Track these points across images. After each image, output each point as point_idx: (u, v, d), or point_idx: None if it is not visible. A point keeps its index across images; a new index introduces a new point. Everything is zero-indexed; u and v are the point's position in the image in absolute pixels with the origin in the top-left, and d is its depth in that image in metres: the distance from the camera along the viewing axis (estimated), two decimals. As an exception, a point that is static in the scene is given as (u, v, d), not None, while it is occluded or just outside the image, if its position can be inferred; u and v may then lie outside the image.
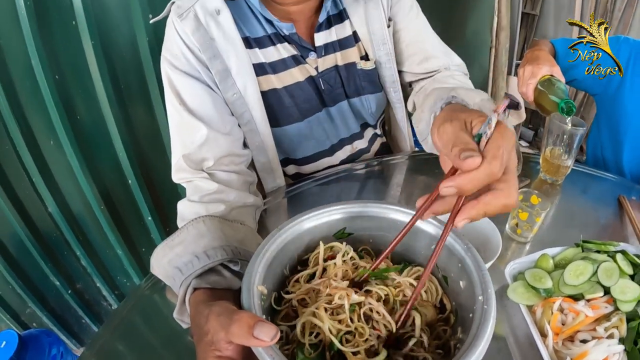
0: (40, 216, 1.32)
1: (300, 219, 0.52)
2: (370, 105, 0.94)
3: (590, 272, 0.60)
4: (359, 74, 0.90)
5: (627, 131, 1.20)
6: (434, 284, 0.51)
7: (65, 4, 1.04)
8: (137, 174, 1.32)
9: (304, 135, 0.90)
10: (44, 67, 1.07)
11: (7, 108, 1.10)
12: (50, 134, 1.18)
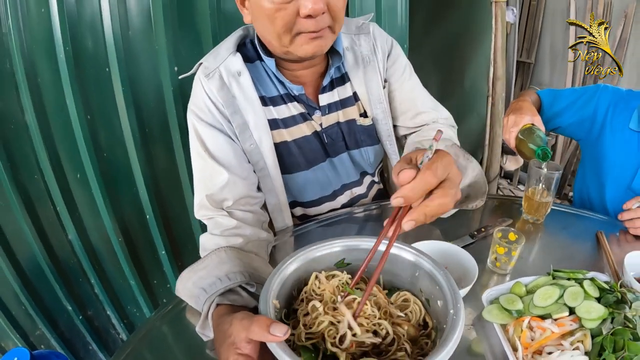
0: (60, 243, 1.40)
1: (309, 249, 0.62)
2: (368, 157, 1.06)
3: (557, 295, 0.69)
4: (359, 129, 1.01)
5: (608, 173, 1.29)
6: (418, 305, 0.60)
7: (100, 52, 1.17)
8: (155, 210, 1.41)
9: (309, 181, 1.01)
10: (78, 107, 1.19)
11: (40, 141, 1.22)
12: (78, 168, 1.29)
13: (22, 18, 1.12)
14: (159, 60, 1.22)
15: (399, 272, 0.63)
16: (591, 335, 0.64)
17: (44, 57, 1.15)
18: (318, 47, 0.79)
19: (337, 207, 1.09)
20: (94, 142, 1.25)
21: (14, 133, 1.22)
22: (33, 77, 1.17)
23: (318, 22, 0.76)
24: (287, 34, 0.77)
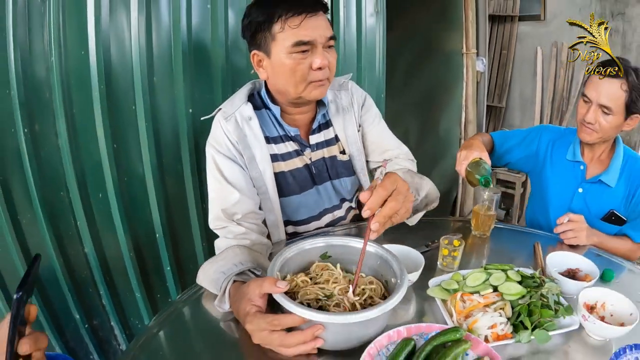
0: (76, 254, 1.56)
1: (301, 242, 0.91)
2: (346, 185, 1.31)
3: (484, 278, 0.96)
4: (339, 163, 1.29)
5: (552, 197, 1.56)
6: (380, 285, 0.89)
7: (129, 92, 1.40)
8: (164, 230, 1.59)
9: (301, 204, 1.25)
10: (106, 136, 1.40)
11: (69, 163, 1.41)
12: (100, 189, 1.48)
13: (64, 57, 1.33)
14: (177, 102, 1.46)
15: (370, 263, 0.92)
16: (512, 306, 0.90)
17: (81, 91, 1.37)
18: (322, 92, 1.11)
19: (321, 226, 1.31)
20: (117, 168, 1.45)
21: (47, 153, 1.41)
22: (69, 108, 1.38)
23: (324, 74, 1.06)
24: (303, 83, 1.06)
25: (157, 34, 1.41)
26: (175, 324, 0.95)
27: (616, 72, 1.33)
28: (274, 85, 1.13)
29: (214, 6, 1.47)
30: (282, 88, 1.10)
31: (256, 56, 1.10)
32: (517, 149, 1.63)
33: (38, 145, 1.39)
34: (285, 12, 1.01)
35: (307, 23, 1.02)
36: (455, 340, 0.76)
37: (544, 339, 0.84)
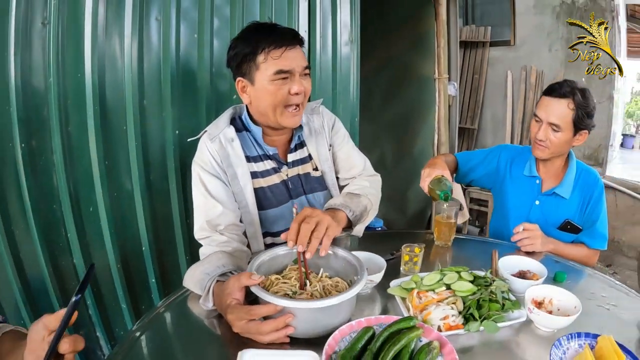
0: (66, 264, 1.62)
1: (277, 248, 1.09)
2: (319, 200, 1.44)
3: (438, 278, 1.10)
4: (312, 179, 1.42)
5: (511, 211, 1.70)
6: (345, 284, 1.03)
7: (121, 113, 1.51)
8: (150, 243, 1.68)
9: (277, 216, 1.36)
10: (99, 153, 1.50)
11: (63, 177, 1.49)
12: (91, 203, 1.56)
13: (62, 78, 1.43)
14: (165, 124, 1.59)
15: (335, 266, 1.08)
16: (464, 302, 1.02)
17: (76, 111, 1.47)
18: (297, 121, 1.27)
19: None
20: (108, 183, 1.55)
21: (43, 168, 1.48)
22: (65, 126, 1.46)
23: (299, 98, 1.21)
24: (281, 106, 1.21)
25: (148, 60, 1.54)
26: (157, 327, 1.04)
27: (563, 92, 1.47)
28: (256, 109, 1.27)
29: (201, 36, 1.62)
30: (262, 111, 1.24)
31: (241, 83, 1.25)
32: (479, 167, 1.77)
33: (34, 159, 1.46)
34: (268, 45, 1.17)
35: (286, 54, 1.18)
36: (409, 327, 0.87)
37: (492, 329, 0.96)
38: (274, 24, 1.26)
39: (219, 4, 1.68)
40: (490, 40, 4.13)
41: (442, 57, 3.01)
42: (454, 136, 3.29)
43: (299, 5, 1.94)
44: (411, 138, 3.26)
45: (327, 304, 0.87)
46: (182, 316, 1.09)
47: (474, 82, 4.17)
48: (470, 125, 4.21)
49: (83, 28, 1.43)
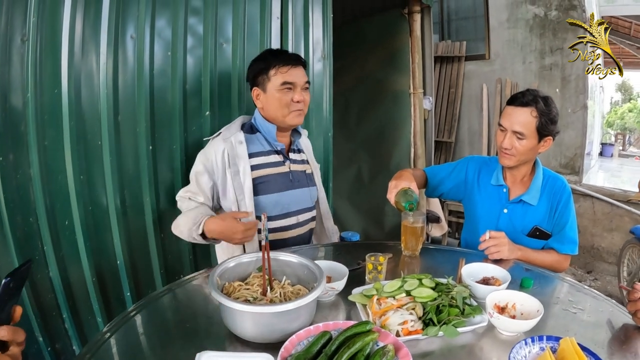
0: (42, 278, 1.62)
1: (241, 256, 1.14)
2: (314, 192, 1.75)
3: (399, 285, 1.13)
4: (309, 176, 1.74)
5: (480, 219, 1.74)
6: (307, 291, 1.07)
7: (96, 129, 1.55)
8: (125, 257, 1.70)
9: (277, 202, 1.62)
10: (74, 167, 1.52)
11: (39, 191, 1.50)
12: (67, 216, 1.58)
13: (39, 93, 1.45)
14: (139, 139, 1.63)
15: (299, 274, 1.15)
16: (424, 308, 1.06)
17: (53, 126, 1.49)
18: (299, 121, 1.61)
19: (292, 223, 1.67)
20: (83, 197, 1.57)
21: (19, 181, 1.49)
22: (41, 140, 1.48)
23: (300, 105, 1.57)
24: (286, 110, 1.56)
25: (123, 76, 1.59)
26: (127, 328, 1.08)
27: (526, 101, 1.53)
28: (267, 112, 1.60)
29: (174, 54, 1.68)
30: (272, 114, 1.58)
31: (255, 91, 1.60)
32: (447, 180, 1.81)
33: (11, 173, 1.48)
34: (278, 63, 1.54)
35: (291, 71, 1.55)
36: (365, 332, 0.91)
37: (452, 333, 0.98)
38: (285, 50, 1.75)
39: (192, 23, 1.74)
40: (465, 54, 4.25)
41: (417, 72, 3.10)
42: (430, 149, 3.37)
43: (271, 24, 2.01)
44: (388, 153, 3.33)
45: (283, 308, 0.91)
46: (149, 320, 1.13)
47: (450, 96, 4.28)
48: (448, 138, 4.30)
49: (61, 45, 1.46)
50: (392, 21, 3.32)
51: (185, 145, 1.77)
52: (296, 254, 1.14)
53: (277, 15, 2.03)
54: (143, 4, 1.61)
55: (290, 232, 1.67)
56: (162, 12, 1.66)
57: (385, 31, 3.35)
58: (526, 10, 3.99)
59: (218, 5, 1.82)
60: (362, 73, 3.38)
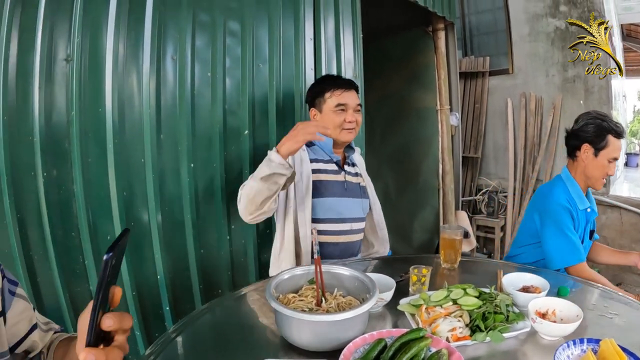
0: (81, 291, 1.66)
1: (295, 269, 1.20)
2: (366, 204, 1.84)
3: (445, 295, 1.17)
4: (362, 188, 1.85)
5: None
6: (357, 302, 1.11)
7: (140, 147, 1.59)
8: (165, 273, 1.72)
9: (331, 206, 1.71)
10: (118, 184, 1.55)
11: (82, 206, 1.55)
12: (109, 232, 1.62)
13: (83, 112, 1.51)
14: (180, 157, 1.67)
15: (348, 286, 1.18)
16: (470, 315, 1.09)
17: (96, 143, 1.54)
18: (350, 138, 1.74)
19: (345, 229, 1.75)
20: (126, 213, 1.61)
21: (63, 196, 1.55)
22: (85, 157, 1.53)
23: (352, 125, 1.71)
24: (339, 129, 1.70)
25: (165, 96, 1.64)
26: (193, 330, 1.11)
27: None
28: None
29: (214, 74, 1.73)
30: (330, 130, 1.66)
31: (313, 111, 1.76)
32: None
33: (55, 188, 1.53)
34: (334, 87, 1.71)
35: (345, 94, 1.71)
36: (419, 338, 0.94)
37: (497, 338, 1.02)
38: (339, 75, 2.00)
39: (230, 45, 1.79)
40: (489, 69, 4.25)
41: (443, 88, 3.12)
42: (458, 165, 3.36)
43: (305, 46, 2.06)
44: (414, 169, 3.35)
45: (342, 317, 0.95)
46: (215, 323, 1.18)
47: (475, 111, 4.27)
48: (474, 154, 4.29)
49: (104, 65, 1.52)
50: (416, 39, 3.36)
51: (225, 164, 1.80)
52: (353, 269, 1.18)
53: (310, 36, 2.08)
54: (183, 26, 1.67)
55: (342, 237, 1.75)
56: (202, 34, 1.72)
57: (409, 49, 3.39)
58: (547, 24, 3.98)
59: (255, 27, 1.87)
60: (386, 91, 3.41)
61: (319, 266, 1.13)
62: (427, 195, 3.29)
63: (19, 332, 0.80)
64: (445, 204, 3.11)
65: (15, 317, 0.79)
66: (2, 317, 0.75)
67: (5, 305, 0.76)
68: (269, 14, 1.92)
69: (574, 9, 3.85)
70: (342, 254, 1.75)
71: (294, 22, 2.02)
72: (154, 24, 1.60)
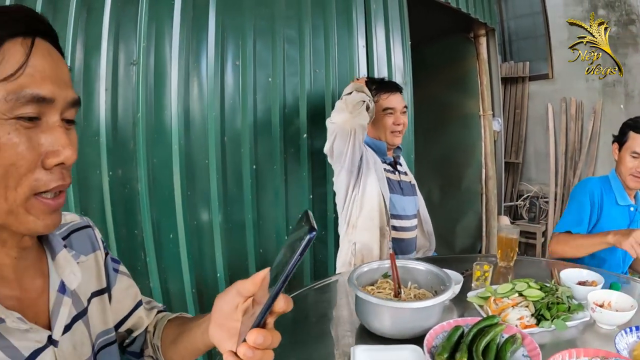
0: (142, 287, 1.66)
1: (373, 263, 1.28)
2: (417, 202, 1.90)
3: (510, 288, 1.25)
4: (411, 185, 1.91)
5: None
6: (431, 295, 1.18)
7: (204, 149, 1.65)
8: (224, 271, 1.77)
9: (399, 203, 1.79)
10: (182, 184, 1.61)
11: (146, 205, 1.59)
12: (172, 230, 1.66)
13: (149, 114, 1.56)
14: (243, 159, 1.73)
15: (419, 280, 1.25)
16: (535, 306, 1.17)
17: (162, 144, 1.59)
18: (398, 141, 1.80)
19: (407, 225, 1.82)
20: (190, 212, 1.67)
21: (127, 195, 1.59)
22: (150, 157, 1.58)
23: (399, 127, 1.76)
24: (387, 131, 1.76)
25: (229, 100, 1.70)
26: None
27: None
28: (374, 133, 1.80)
29: (274, 80, 1.80)
30: (377, 135, 1.79)
31: None
32: (590, 216, 1.82)
33: (119, 187, 1.58)
34: (381, 91, 1.75)
35: (391, 97, 1.76)
36: (493, 324, 1.00)
37: (561, 326, 1.09)
38: (383, 78, 1.97)
39: (289, 51, 1.86)
40: (529, 75, 4.20)
41: (486, 94, 3.11)
42: (500, 170, 3.34)
43: (358, 52, 2.11)
44: (457, 174, 3.35)
45: (425, 305, 1.01)
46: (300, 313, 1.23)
47: (516, 117, 4.22)
48: (515, 159, 4.24)
49: (170, 69, 1.58)
50: (457, 45, 3.35)
51: (285, 166, 1.86)
52: (426, 263, 1.27)
53: (362, 43, 2.13)
54: (245, 34, 1.73)
55: (405, 233, 1.81)
56: (262, 41, 1.79)
57: (450, 55, 3.39)
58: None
59: (312, 35, 1.93)
60: (428, 97, 3.41)
61: (393, 261, 1.21)
62: (470, 201, 3.27)
63: (124, 309, 0.81)
64: (488, 209, 3.09)
65: (120, 294, 0.80)
66: (108, 294, 0.76)
67: (110, 282, 0.78)
68: (324, 21, 1.98)
69: (612, 12, 3.77)
70: (404, 251, 1.80)
71: (347, 29, 2.07)
72: (217, 30, 1.67)
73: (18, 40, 0.50)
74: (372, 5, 2.17)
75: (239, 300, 0.58)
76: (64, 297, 0.62)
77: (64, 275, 0.63)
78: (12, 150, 0.49)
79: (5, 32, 0.49)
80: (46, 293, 0.62)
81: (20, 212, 0.52)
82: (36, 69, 0.50)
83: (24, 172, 0.50)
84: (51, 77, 0.52)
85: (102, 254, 0.77)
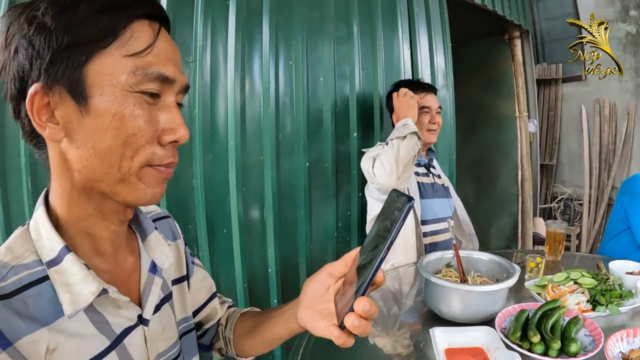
0: None
1: (439, 252, 1.36)
2: (452, 203, 1.91)
3: (565, 277, 1.33)
4: (445, 187, 1.92)
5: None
6: (492, 281, 1.26)
7: (258, 145, 1.70)
8: (276, 266, 1.81)
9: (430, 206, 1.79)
10: (238, 180, 1.64)
11: (201, 200, 1.62)
12: (226, 225, 1.70)
13: (206, 111, 1.59)
14: (297, 156, 1.77)
15: (481, 269, 1.33)
16: (590, 293, 1.25)
17: (217, 141, 1.63)
18: (433, 139, 1.84)
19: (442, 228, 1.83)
20: (244, 207, 1.71)
21: (182, 191, 1.62)
22: (206, 154, 1.62)
23: (434, 126, 1.80)
24: (424, 129, 1.79)
25: (283, 99, 1.75)
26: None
27: None
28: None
29: (326, 79, 1.84)
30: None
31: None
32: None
33: (175, 183, 1.61)
34: (417, 91, 1.76)
35: (427, 97, 1.80)
36: (555, 307, 1.09)
37: (615, 311, 1.17)
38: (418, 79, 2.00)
39: (339, 51, 1.90)
40: (562, 76, 4.17)
41: (522, 95, 3.10)
42: (536, 172, 3.33)
43: (403, 53, 2.14)
44: (493, 176, 3.35)
45: (493, 288, 1.08)
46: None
47: (550, 119, 4.20)
48: (549, 161, 4.21)
49: (225, 67, 1.62)
50: (492, 47, 3.35)
51: (336, 164, 1.90)
52: (488, 253, 1.35)
53: (407, 45, 2.16)
54: (298, 34, 1.78)
55: (440, 236, 1.82)
56: (314, 41, 1.83)
57: (485, 57, 3.39)
58: (618, 29, 3.87)
59: (360, 35, 1.97)
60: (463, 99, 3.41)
61: (457, 251, 1.31)
62: (506, 202, 3.27)
63: (200, 299, 0.82)
64: (524, 211, 3.08)
65: (197, 284, 0.81)
66: (187, 282, 0.77)
67: (189, 271, 0.79)
68: (370, 23, 2.02)
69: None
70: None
71: (392, 31, 2.11)
72: (271, 30, 1.71)
73: (145, 22, 0.53)
74: (414, 8, 2.20)
75: (330, 281, 0.60)
76: (155, 277, 0.64)
77: (155, 256, 0.65)
78: (134, 121, 0.51)
79: (134, 12, 0.51)
80: (137, 272, 0.63)
81: (132, 180, 0.54)
82: (161, 50, 0.53)
83: (142, 143, 0.52)
84: (173, 61, 0.55)
85: (182, 243, 0.80)
